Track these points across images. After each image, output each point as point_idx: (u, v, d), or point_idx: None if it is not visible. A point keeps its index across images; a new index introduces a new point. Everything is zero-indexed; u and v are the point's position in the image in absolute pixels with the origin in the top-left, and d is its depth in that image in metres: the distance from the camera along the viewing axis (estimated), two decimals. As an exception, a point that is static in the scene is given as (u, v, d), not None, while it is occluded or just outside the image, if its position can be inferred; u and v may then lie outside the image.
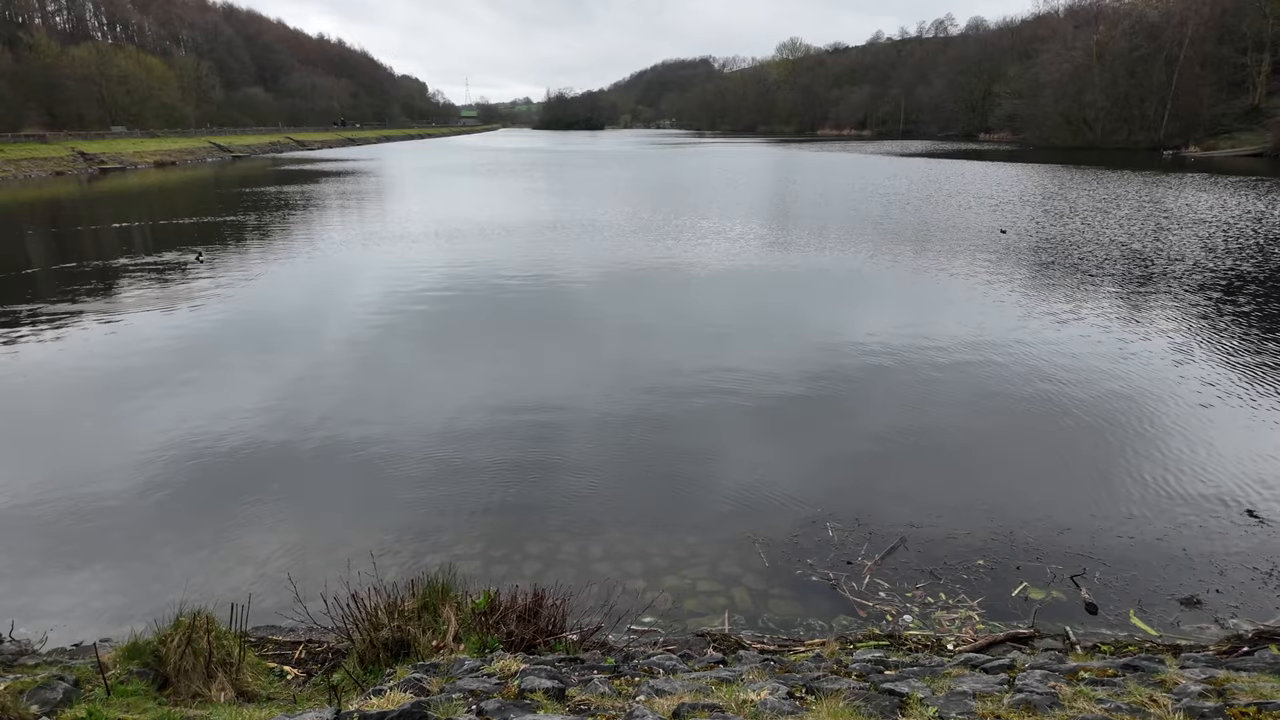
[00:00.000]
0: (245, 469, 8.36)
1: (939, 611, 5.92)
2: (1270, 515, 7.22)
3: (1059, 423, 9.60)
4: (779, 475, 8.26)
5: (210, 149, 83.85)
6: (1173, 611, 5.88)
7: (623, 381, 11.09)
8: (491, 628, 4.87)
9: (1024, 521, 7.17)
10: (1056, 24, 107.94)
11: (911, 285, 18.05)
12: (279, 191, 42.39)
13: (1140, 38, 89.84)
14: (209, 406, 10.08)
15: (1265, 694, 3.02)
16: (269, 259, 21.27)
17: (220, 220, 29.83)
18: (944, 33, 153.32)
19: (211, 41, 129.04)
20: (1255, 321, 14.22)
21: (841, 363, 11.95)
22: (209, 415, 9.77)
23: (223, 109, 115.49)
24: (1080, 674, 3.53)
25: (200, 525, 7.19)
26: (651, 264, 20.20)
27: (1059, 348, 12.65)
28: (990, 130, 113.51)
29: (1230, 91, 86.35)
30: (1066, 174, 51.23)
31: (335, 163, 71.68)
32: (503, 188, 45.87)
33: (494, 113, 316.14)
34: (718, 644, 5.32)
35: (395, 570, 6.35)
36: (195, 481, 8.06)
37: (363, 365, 12.03)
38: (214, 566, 6.52)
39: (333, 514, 7.41)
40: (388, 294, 16.69)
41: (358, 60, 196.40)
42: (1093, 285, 17.38)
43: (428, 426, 9.44)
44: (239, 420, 9.61)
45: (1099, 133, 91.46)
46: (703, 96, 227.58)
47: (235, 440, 9.05)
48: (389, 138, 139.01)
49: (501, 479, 8.15)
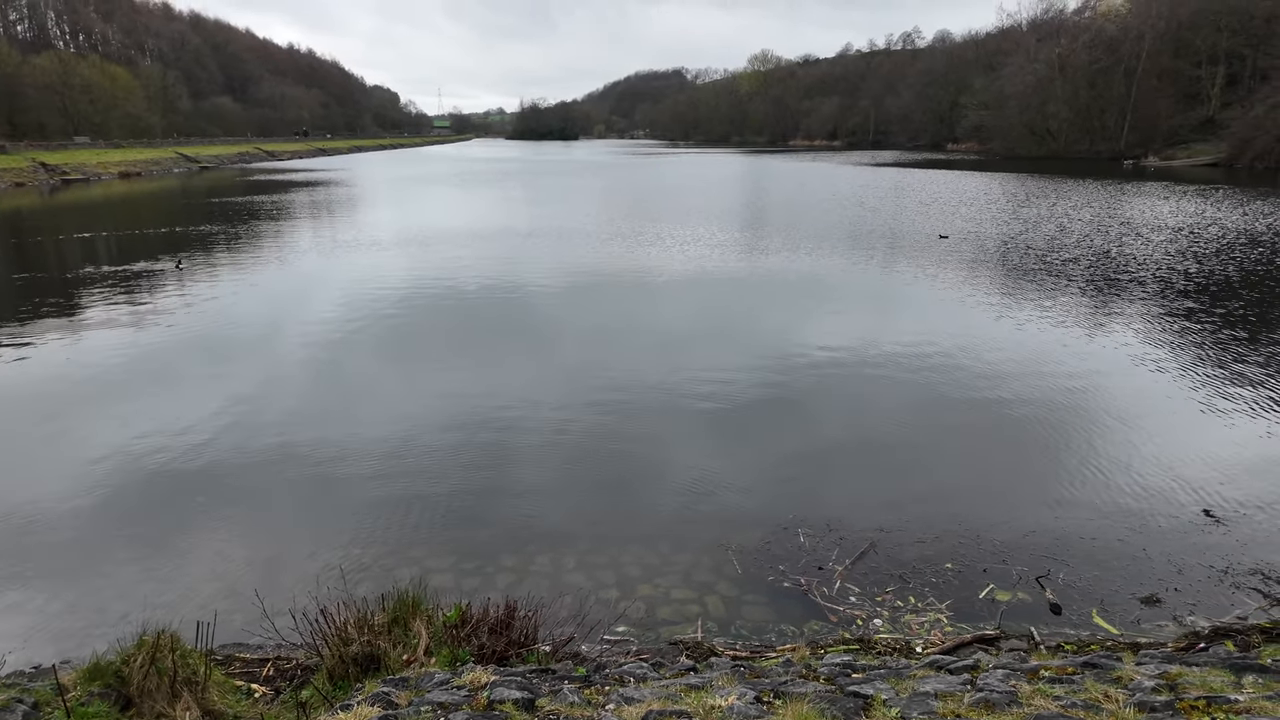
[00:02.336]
0: (210, 483, 8.22)
1: (908, 615, 6.00)
2: (1225, 514, 7.43)
3: (1023, 426, 9.81)
4: (751, 482, 8.33)
5: (177, 159, 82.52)
6: (1133, 610, 6.03)
7: (596, 391, 11.11)
8: (463, 641, 4.85)
9: (990, 524, 7.30)
10: (1020, 37, 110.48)
11: (877, 291, 18.34)
12: (247, 202, 41.85)
13: (1100, 51, 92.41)
14: (172, 419, 9.91)
15: (1215, 688, 3.12)
16: (236, 269, 20.98)
17: (187, 231, 29.35)
18: (911, 45, 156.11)
19: (178, 51, 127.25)
20: (1210, 322, 14.65)
21: (810, 369, 12.08)
22: (172, 428, 9.60)
23: (190, 119, 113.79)
24: (1041, 672, 3.62)
25: (164, 542, 7.06)
26: (623, 271, 20.27)
27: (1022, 351, 12.92)
28: (958, 140, 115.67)
29: (1186, 103, 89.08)
30: (1034, 183, 52.35)
31: (306, 173, 70.95)
32: (476, 197, 45.74)
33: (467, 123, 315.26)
34: (690, 651, 5.35)
35: (366, 584, 6.28)
36: (158, 497, 7.92)
37: (332, 377, 11.91)
38: (179, 584, 6.41)
39: (302, 529, 7.32)
40: (357, 304, 16.55)
41: (328, 70, 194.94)
42: (1055, 289, 17.77)
43: (398, 439, 9.37)
44: (203, 433, 9.46)
45: (1062, 143, 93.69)
46: (676, 107, 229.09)
47: (199, 454, 8.90)
48: (361, 148, 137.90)
49: (474, 491, 8.11)
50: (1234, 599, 6.14)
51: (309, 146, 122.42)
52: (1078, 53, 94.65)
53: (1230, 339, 13.75)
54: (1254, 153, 68.76)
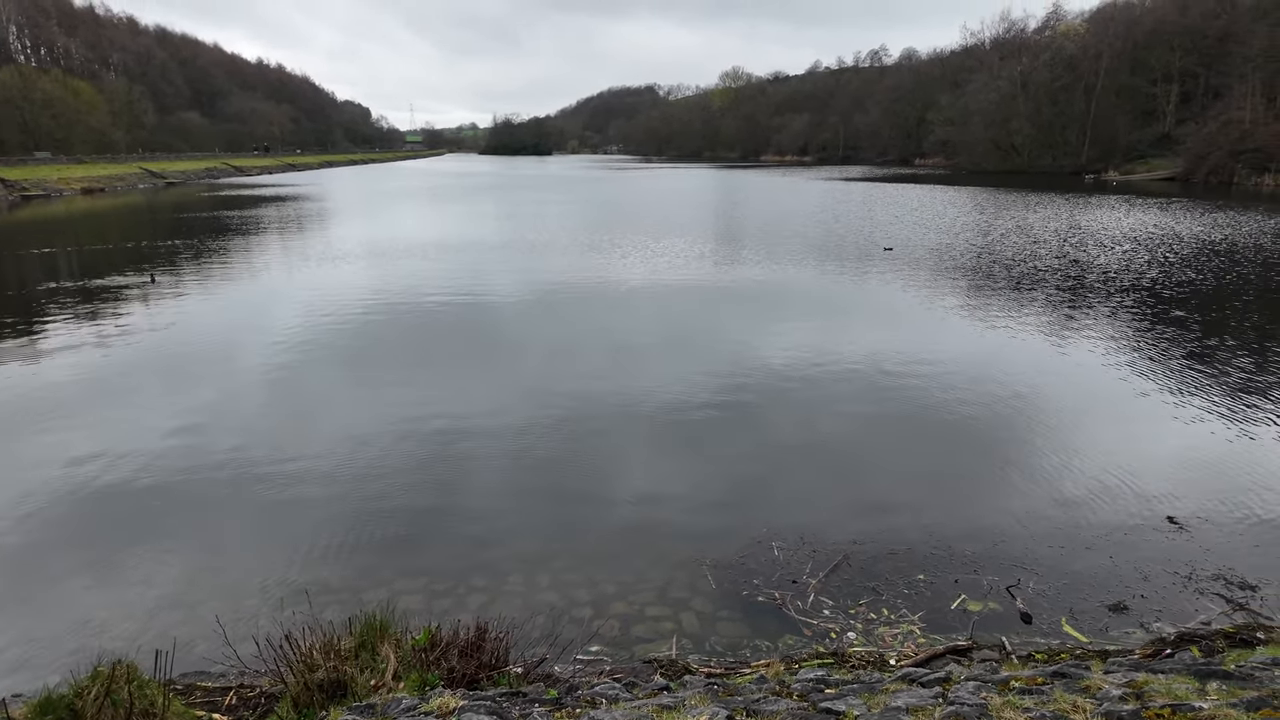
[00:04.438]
0: (169, 505, 8.01)
1: (882, 627, 6.01)
2: (1188, 521, 7.57)
3: (990, 435, 9.94)
4: (726, 496, 8.32)
5: (142, 175, 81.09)
6: (1102, 618, 6.10)
7: (567, 406, 11.04)
8: (432, 664, 4.75)
9: (961, 534, 7.36)
10: (983, 55, 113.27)
11: (849, 302, 18.53)
12: (215, 217, 41.21)
13: (1060, 69, 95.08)
14: (128, 437, 9.65)
15: (1180, 695, 3.16)
16: (203, 284, 20.59)
17: (154, 246, 28.79)
18: (879, 63, 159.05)
19: (144, 65, 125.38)
20: (1171, 331, 15.01)
21: (780, 381, 12.14)
22: (128, 446, 9.35)
23: (156, 134, 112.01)
24: (1011, 683, 3.63)
25: (121, 567, 6.85)
26: (592, 283, 20.25)
27: (990, 362, 13.11)
28: (925, 155, 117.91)
29: (1144, 120, 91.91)
30: (1000, 196, 53.45)
31: (275, 188, 70.11)
32: (448, 211, 45.53)
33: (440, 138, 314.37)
34: (665, 670, 5.30)
35: (334, 608, 6.15)
36: (114, 520, 7.69)
37: (297, 393, 11.71)
38: (136, 611, 6.21)
39: (266, 551, 7.15)
40: (324, 319, 16.31)
41: (299, 85, 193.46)
42: (1021, 300, 18.11)
43: (366, 457, 9.22)
44: (161, 452, 9.23)
45: (1026, 157, 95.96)
46: (649, 123, 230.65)
47: (157, 474, 8.67)
48: (332, 163, 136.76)
49: (445, 510, 8.00)
50: (1198, 604, 6.24)
51: (279, 162, 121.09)
52: (1039, 70, 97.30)
53: (1191, 347, 14.09)
54: (1208, 167, 71.09)
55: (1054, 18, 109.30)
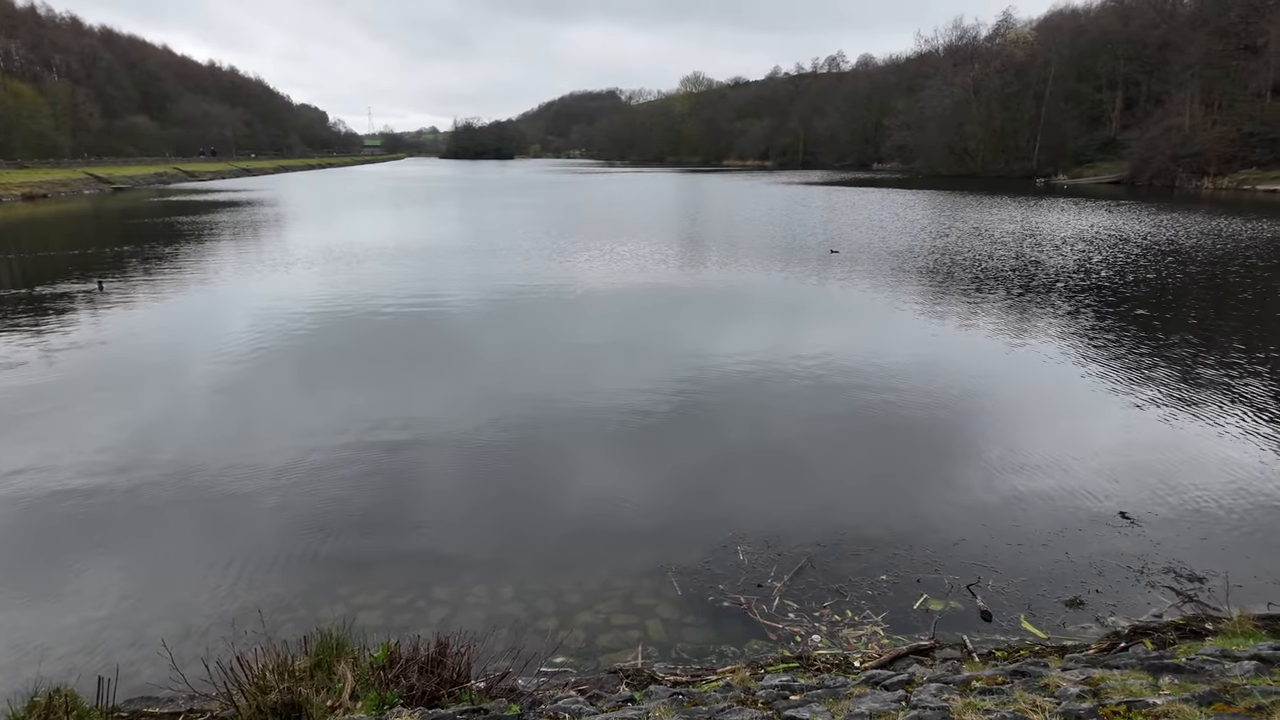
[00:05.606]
0: (114, 522, 7.69)
1: (846, 629, 6.04)
2: (1139, 515, 7.78)
3: (950, 435, 10.10)
4: (691, 500, 8.30)
5: (88, 180, 78.40)
6: (1059, 613, 6.22)
7: (532, 413, 10.92)
8: (391, 682, 4.63)
9: (922, 533, 7.45)
10: (938, 62, 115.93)
11: (808, 304, 18.72)
12: (164, 223, 40.02)
13: (1010, 76, 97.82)
14: (70, 450, 9.25)
15: (1135, 691, 3.21)
16: (151, 291, 19.93)
17: (101, 253, 27.81)
18: (837, 68, 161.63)
19: (89, 67, 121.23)
20: (1119, 327, 15.46)
21: (741, 383, 12.18)
22: (69, 461, 8.96)
23: (102, 138, 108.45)
24: (973, 683, 3.66)
25: (60, 588, 6.55)
26: (553, 287, 20.14)
27: (945, 361, 13.35)
28: (883, 160, 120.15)
29: (1091, 125, 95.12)
30: (959, 199, 54.64)
31: (228, 193, 68.41)
32: (408, 216, 44.89)
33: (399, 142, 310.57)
34: (630, 679, 5.24)
35: (289, 626, 5.96)
36: (54, 538, 7.34)
37: (249, 403, 11.38)
38: (78, 635, 5.93)
39: (217, 568, 6.89)
40: (275, 326, 15.91)
41: (252, 88, 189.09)
42: (977, 300, 18.49)
43: (323, 469, 8.98)
44: (105, 467, 8.86)
45: (980, 161, 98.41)
46: (612, 127, 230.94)
47: (101, 489, 8.33)
48: (287, 168, 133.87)
49: (405, 522, 7.83)
50: (1150, 597, 6.40)
51: (232, 166, 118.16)
52: (990, 77, 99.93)
53: (1140, 344, 14.53)
54: (1151, 171, 73.81)
55: (1004, 26, 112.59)
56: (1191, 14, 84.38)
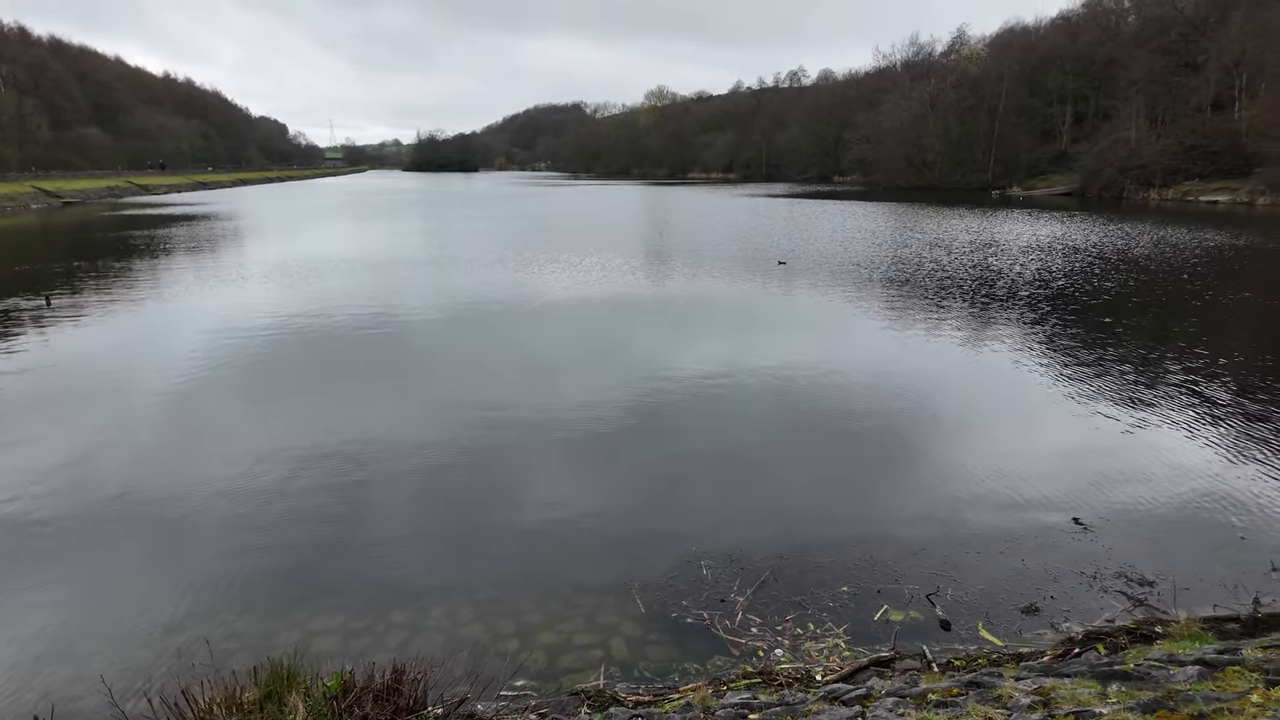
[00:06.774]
0: (54, 548, 7.38)
1: (808, 642, 6.05)
2: (1092, 521, 7.95)
3: (908, 445, 10.23)
4: (653, 515, 8.27)
5: (35, 194, 75.99)
6: (1015, 621, 6.31)
7: (491, 429, 10.80)
8: (344, 713, 4.50)
9: (882, 544, 7.52)
10: (895, 76, 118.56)
11: (767, 315, 18.89)
12: (117, 237, 38.92)
13: (965, 90, 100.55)
14: (9, 471, 8.88)
15: (1083, 700, 3.25)
16: (101, 307, 19.33)
17: (48, 269, 26.93)
18: (798, 83, 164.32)
19: (36, 78, 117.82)
20: (1072, 335, 15.87)
21: (701, 396, 12.21)
22: (7, 481, 8.60)
23: (51, 151, 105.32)
24: (929, 696, 3.68)
25: None
26: (515, 299, 20.03)
27: (902, 371, 13.54)
28: (843, 172, 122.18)
29: (1043, 138, 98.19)
30: (918, 210, 55.76)
31: (184, 207, 66.87)
32: (370, 229, 44.32)
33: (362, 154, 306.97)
34: (592, 701, 5.18)
35: (241, 655, 5.77)
36: (-2, 573, 7.05)
37: (197, 422, 11.06)
38: (11, 669, 5.67)
39: (162, 596, 6.65)
40: (228, 342, 15.53)
41: (209, 100, 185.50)
42: (936, 309, 18.84)
43: (275, 489, 8.76)
44: (47, 489, 8.52)
45: (937, 174, 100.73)
46: (577, 140, 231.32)
47: (40, 512, 8.00)
48: (245, 180, 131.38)
49: (362, 543, 7.67)
50: (1103, 602, 6.54)
51: (188, 180, 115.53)
52: (946, 92, 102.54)
53: (1093, 351, 14.92)
54: (1101, 183, 76.42)
55: (959, 42, 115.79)
56: (1134, 32, 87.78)
